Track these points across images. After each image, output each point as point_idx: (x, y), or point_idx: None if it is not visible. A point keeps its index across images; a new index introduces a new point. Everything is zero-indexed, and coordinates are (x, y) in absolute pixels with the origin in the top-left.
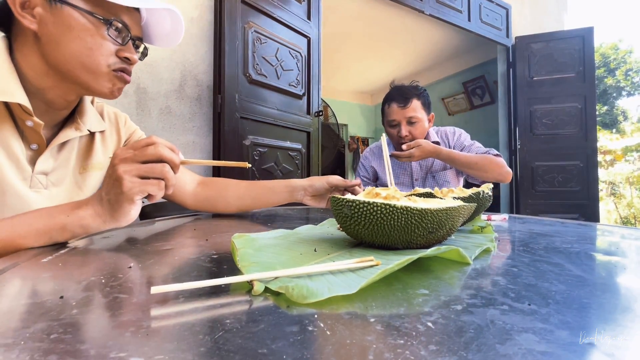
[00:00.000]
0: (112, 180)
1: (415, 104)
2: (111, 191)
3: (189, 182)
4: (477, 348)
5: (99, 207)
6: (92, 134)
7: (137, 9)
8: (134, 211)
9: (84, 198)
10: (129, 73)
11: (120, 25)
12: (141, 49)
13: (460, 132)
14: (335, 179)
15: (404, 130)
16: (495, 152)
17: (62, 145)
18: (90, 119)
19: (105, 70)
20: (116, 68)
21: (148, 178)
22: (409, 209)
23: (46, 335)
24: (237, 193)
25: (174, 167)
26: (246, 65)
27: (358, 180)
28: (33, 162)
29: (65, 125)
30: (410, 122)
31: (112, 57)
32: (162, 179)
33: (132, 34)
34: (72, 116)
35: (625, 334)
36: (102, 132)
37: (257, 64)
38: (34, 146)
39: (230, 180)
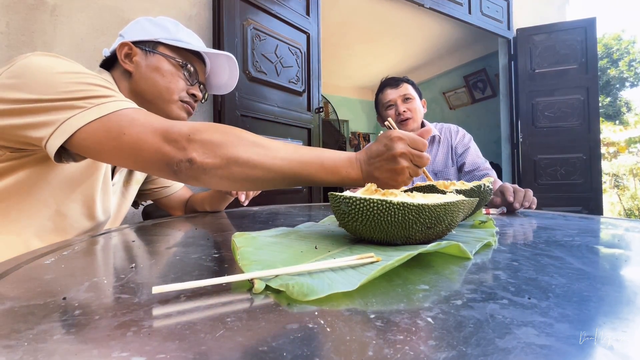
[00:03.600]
0: (393, 166)
1: (407, 85)
2: (386, 174)
3: (187, 198)
4: (477, 342)
5: (365, 166)
6: None
7: (204, 62)
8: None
9: (126, 206)
10: (192, 107)
11: (191, 69)
12: (205, 94)
13: (464, 132)
14: None
15: (401, 107)
16: (491, 171)
17: None
18: None
19: (176, 99)
20: (184, 100)
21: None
22: (405, 204)
23: (49, 336)
24: (202, 203)
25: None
26: (245, 63)
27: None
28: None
29: None
30: (406, 99)
31: (182, 92)
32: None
33: (199, 79)
34: None
35: (625, 327)
36: None
37: (257, 62)
38: None
39: (203, 193)
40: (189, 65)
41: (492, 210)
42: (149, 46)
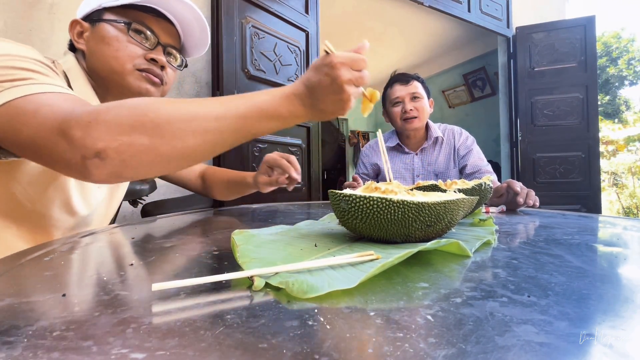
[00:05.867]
0: (340, 96)
1: (417, 83)
2: (333, 104)
3: (196, 169)
4: (476, 340)
5: (307, 100)
6: None
7: (169, 21)
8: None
9: (119, 196)
10: (155, 74)
11: (139, 27)
12: (178, 60)
13: (467, 134)
14: (269, 156)
15: (409, 105)
16: (492, 174)
17: None
18: None
19: (130, 69)
20: (141, 68)
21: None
22: (405, 202)
23: (49, 332)
24: (225, 188)
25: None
26: (244, 61)
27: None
28: None
29: None
30: (414, 97)
31: (138, 59)
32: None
33: (161, 41)
34: None
35: (624, 325)
36: None
37: (256, 60)
38: None
39: (217, 174)
40: (134, 24)
41: (491, 209)
42: (95, 16)
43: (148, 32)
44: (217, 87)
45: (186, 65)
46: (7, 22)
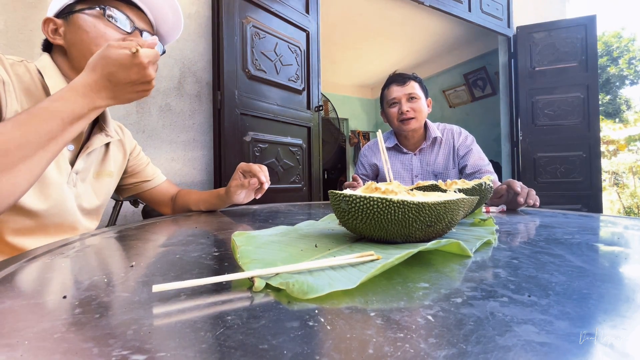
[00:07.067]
0: (146, 87)
1: (414, 84)
2: (139, 94)
3: (171, 192)
4: (477, 340)
5: (110, 93)
6: (107, 143)
7: (140, 9)
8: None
9: (97, 203)
10: None
11: (115, 11)
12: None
13: (466, 134)
14: (242, 164)
15: (405, 106)
16: (493, 174)
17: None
18: (111, 126)
19: None
20: None
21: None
22: (405, 202)
23: (50, 334)
24: (197, 204)
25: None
26: (245, 61)
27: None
28: (70, 161)
29: (93, 131)
30: (411, 98)
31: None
32: None
33: (137, 26)
34: (97, 123)
35: (625, 325)
36: (109, 143)
37: (256, 60)
38: (71, 147)
39: (191, 192)
40: (110, 9)
41: (492, 209)
42: (67, 10)
43: (123, 17)
44: (218, 86)
45: (164, 52)
46: (7, 22)
